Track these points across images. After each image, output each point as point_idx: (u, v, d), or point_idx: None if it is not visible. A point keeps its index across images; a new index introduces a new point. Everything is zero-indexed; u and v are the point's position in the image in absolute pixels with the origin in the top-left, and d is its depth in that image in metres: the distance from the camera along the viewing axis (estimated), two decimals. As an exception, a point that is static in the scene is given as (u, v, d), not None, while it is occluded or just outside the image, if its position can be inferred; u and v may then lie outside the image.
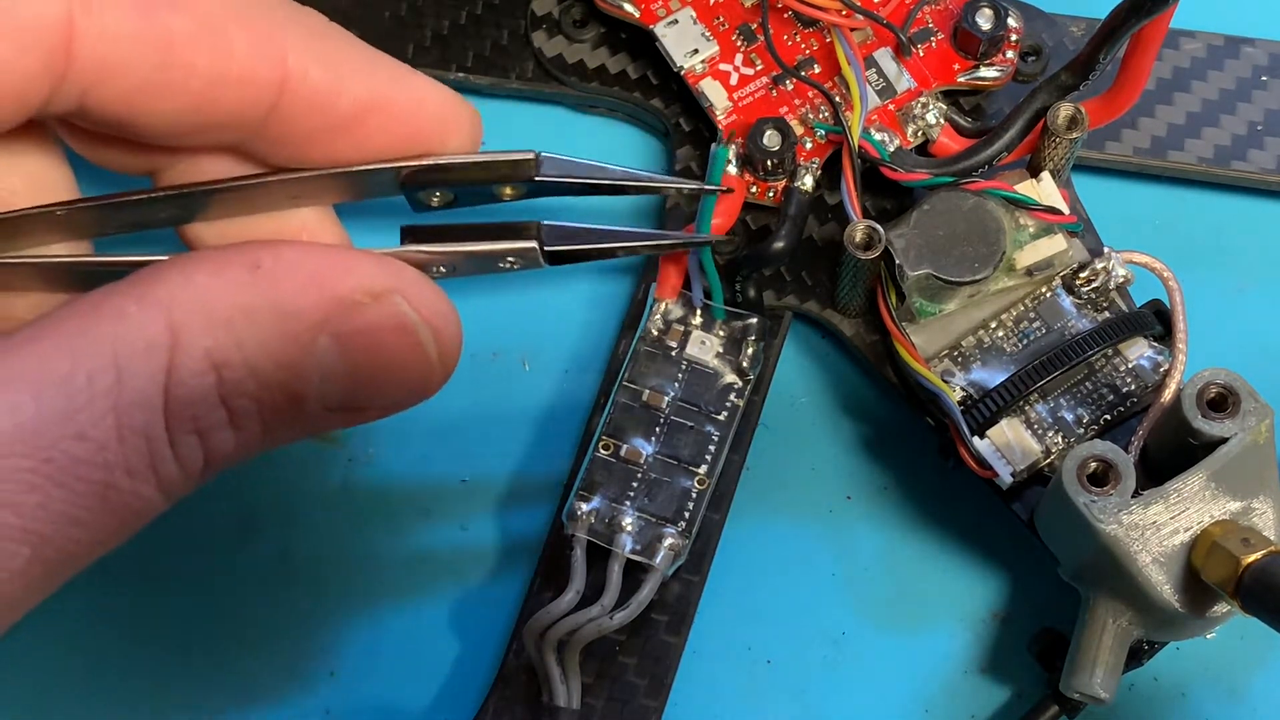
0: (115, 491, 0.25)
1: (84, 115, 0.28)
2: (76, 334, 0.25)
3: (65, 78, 0.27)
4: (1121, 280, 0.36)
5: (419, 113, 0.31)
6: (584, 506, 0.35)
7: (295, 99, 0.29)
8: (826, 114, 0.38)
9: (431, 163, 0.31)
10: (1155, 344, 0.35)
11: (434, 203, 0.32)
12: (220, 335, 0.26)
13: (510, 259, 0.31)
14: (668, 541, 0.35)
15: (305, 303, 0.27)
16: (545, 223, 0.31)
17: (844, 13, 0.38)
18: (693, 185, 0.35)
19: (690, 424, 0.36)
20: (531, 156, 0.31)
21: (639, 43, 0.40)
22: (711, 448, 0.36)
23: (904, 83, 0.38)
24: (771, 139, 0.37)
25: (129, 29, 0.27)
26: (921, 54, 0.38)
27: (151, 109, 0.28)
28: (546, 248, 0.31)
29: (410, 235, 0.31)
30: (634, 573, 0.35)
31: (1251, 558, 0.29)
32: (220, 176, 0.31)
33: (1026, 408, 0.35)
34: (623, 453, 0.36)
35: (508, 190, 0.32)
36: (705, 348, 0.37)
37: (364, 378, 0.28)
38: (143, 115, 0.28)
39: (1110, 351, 0.35)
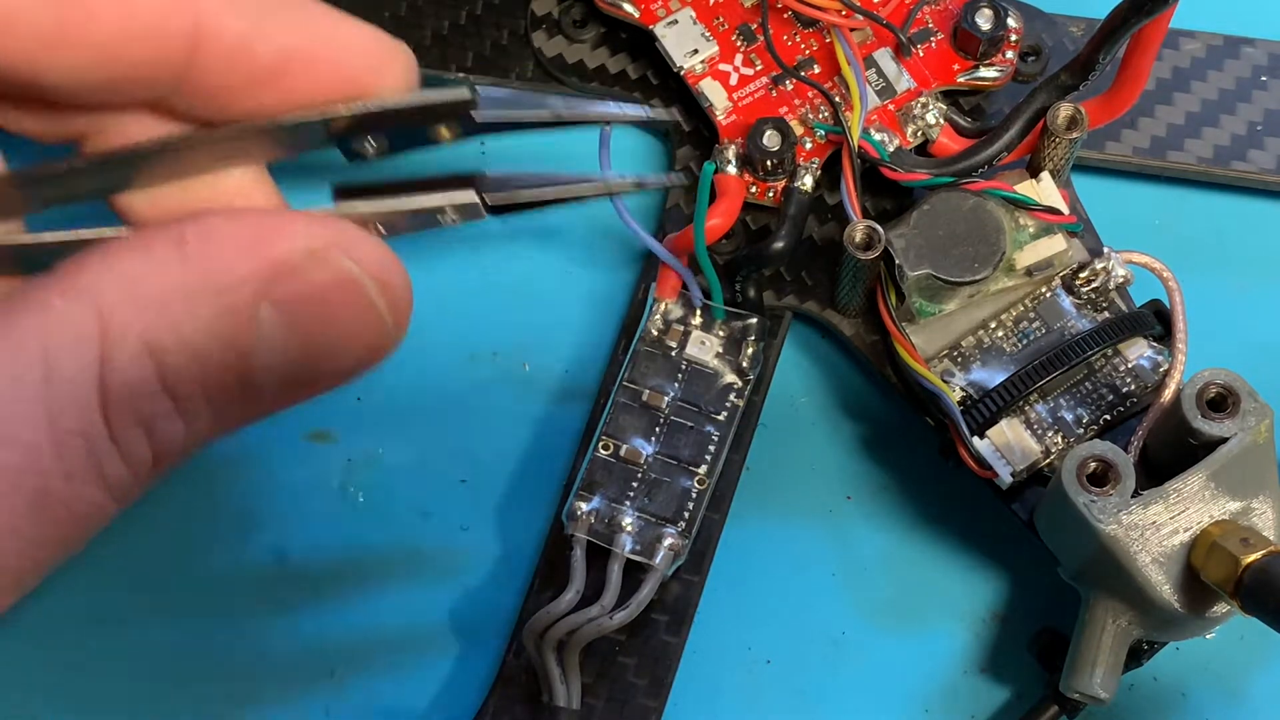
0: (54, 498, 0.23)
1: None
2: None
3: None
4: (1121, 280, 0.36)
5: (347, 57, 0.29)
6: (584, 506, 0.35)
7: (213, 50, 0.28)
8: (826, 114, 0.38)
9: (360, 108, 0.29)
10: (1155, 344, 0.35)
11: (369, 152, 0.30)
12: (154, 318, 0.24)
13: (451, 213, 0.29)
14: (667, 541, 0.35)
15: (240, 272, 0.25)
16: (485, 172, 0.29)
17: (844, 13, 0.38)
18: (638, 115, 0.32)
19: (690, 424, 0.36)
20: (467, 93, 0.29)
21: (639, 43, 0.40)
22: (711, 448, 0.36)
23: (904, 83, 0.38)
24: (771, 139, 0.37)
25: None
26: (921, 54, 0.38)
27: (56, 63, 0.26)
28: (487, 194, 0.29)
29: (344, 193, 0.29)
30: (634, 573, 0.35)
31: (1251, 558, 0.29)
32: (145, 139, 0.29)
33: (1026, 408, 0.35)
34: (623, 453, 0.36)
35: (444, 131, 0.30)
36: (705, 348, 0.37)
37: (313, 345, 0.26)
38: (47, 70, 0.27)
39: (1110, 351, 0.35)
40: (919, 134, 0.38)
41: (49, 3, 0.26)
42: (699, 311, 0.37)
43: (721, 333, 0.37)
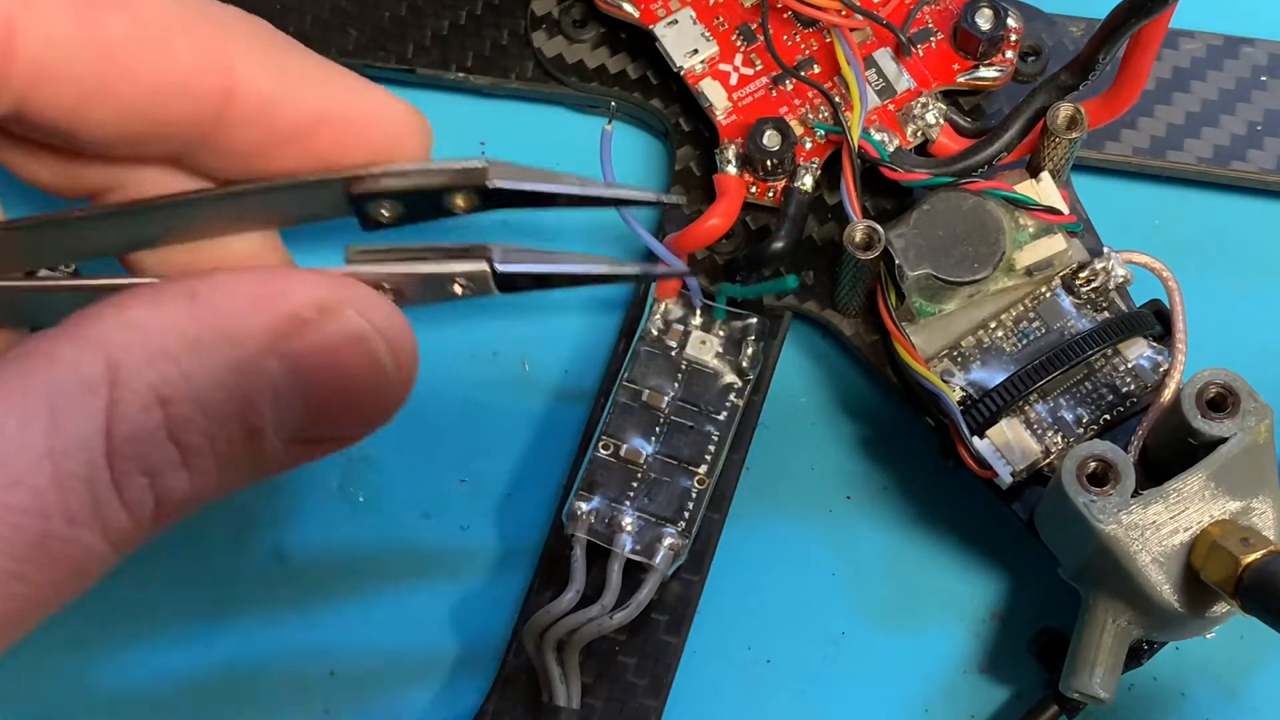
0: (56, 541, 0.23)
1: (21, 121, 0.27)
2: (4, 383, 0.24)
3: (4, 79, 0.26)
4: (1121, 280, 0.36)
5: (371, 124, 0.29)
6: (584, 506, 0.35)
7: (242, 109, 0.28)
8: (826, 114, 0.38)
9: (380, 170, 0.29)
10: (1155, 344, 0.35)
11: (383, 217, 0.30)
12: (163, 368, 0.24)
13: (460, 282, 0.29)
14: (667, 541, 0.35)
15: (249, 325, 0.25)
16: (498, 244, 0.29)
17: (844, 13, 0.38)
18: (650, 199, 0.32)
19: (690, 424, 0.36)
20: (482, 164, 0.29)
21: (639, 43, 0.40)
22: (711, 448, 0.36)
23: (904, 83, 0.38)
24: (771, 139, 0.37)
25: (69, 30, 0.26)
26: (921, 54, 0.38)
27: (91, 116, 0.27)
28: (498, 267, 0.29)
29: (356, 257, 0.29)
30: (634, 573, 0.35)
31: (1251, 558, 0.29)
32: (155, 190, 0.29)
33: (1026, 408, 0.35)
34: (623, 453, 0.36)
35: (459, 201, 0.30)
36: (705, 348, 0.37)
37: (320, 400, 0.26)
38: (82, 123, 0.27)
39: (1110, 351, 0.35)
40: (919, 134, 0.38)
41: (90, 56, 0.26)
42: (699, 311, 0.37)
43: (721, 333, 0.37)
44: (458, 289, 0.29)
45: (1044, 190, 0.36)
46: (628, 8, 0.39)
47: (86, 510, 0.24)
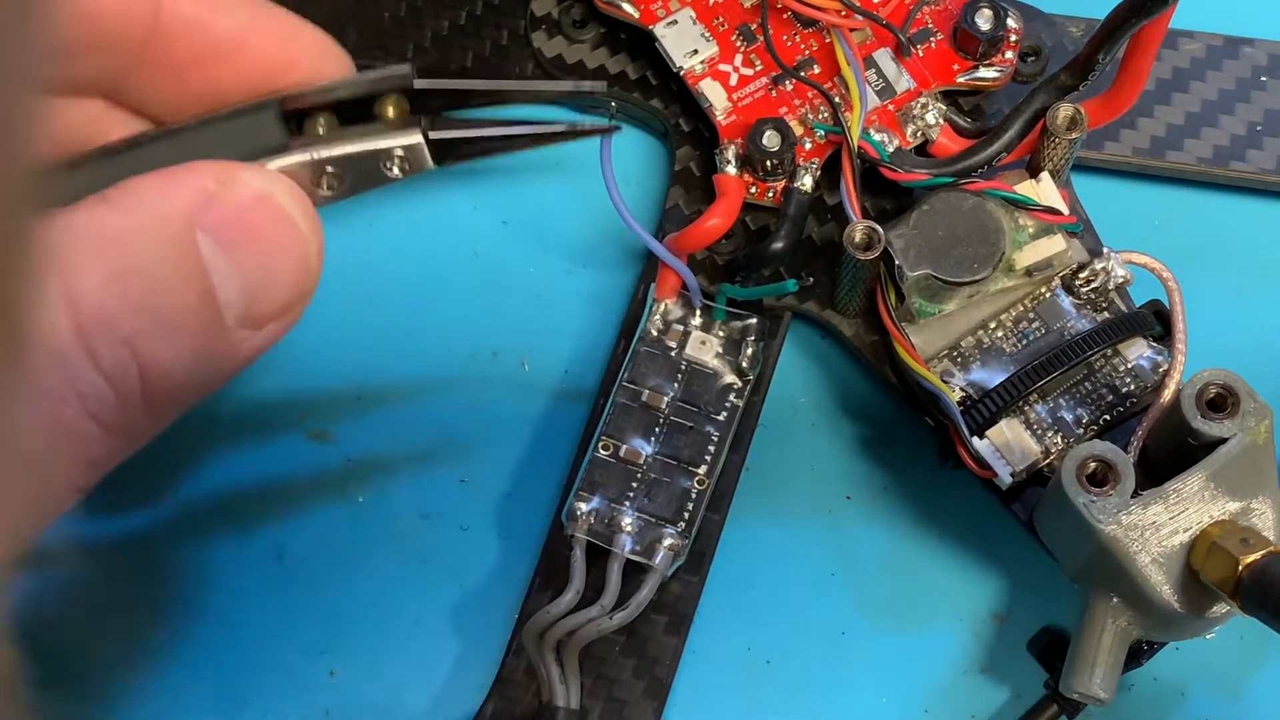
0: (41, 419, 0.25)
1: None
2: None
3: None
4: (1121, 280, 0.36)
5: (293, 39, 0.31)
6: (584, 507, 0.35)
7: (171, 22, 0.30)
8: (826, 114, 0.38)
9: (312, 88, 0.30)
10: (1154, 344, 0.35)
11: (319, 136, 0.31)
12: (108, 248, 0.26)
13: (398, 156, 0.30)
14: (667, 542, 0.35)
15: (166, 205, 0.27)
16: (427, 116, 0.31)
17: (843, 13, 0.38)
18: (568, 85, 0.33)
19: (690, 424, 0.36)
20: (407, 68, 0.31)
21: (638, 43, 0.40)
22: (711, 448, 0.36)
23: (903, 83, 0.38)
24: (771, 139, 0.37)
25: None
26: (921, 54, 0.38)
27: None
28: (431, 134, 0.30)
29: (295, 144, 0.30)
30: (633, 573, 0.35)
31: (1251, 558, 0.29)
32: (92, 129, 0.31)
33: (1026, 408, 0.35)
34: (622, 453, 0.36)
35: (390, 109, 0.31)
36: (705, 348, 0.37)
37: (252, 266, 0.28)
38: None
39: (1110, 352, 0.35)
40: (919, 134, 0.38)
41: None
42: (699, 311, 0.37)
43: (721, 333, 0.37)
44: (396, 169, 0.30)
45: (1044, 190, 0.36)
46: (627, 8, 0.39)
47: (61, 384, 0.25)
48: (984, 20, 0.37)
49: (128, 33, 0.29)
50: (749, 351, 0.36)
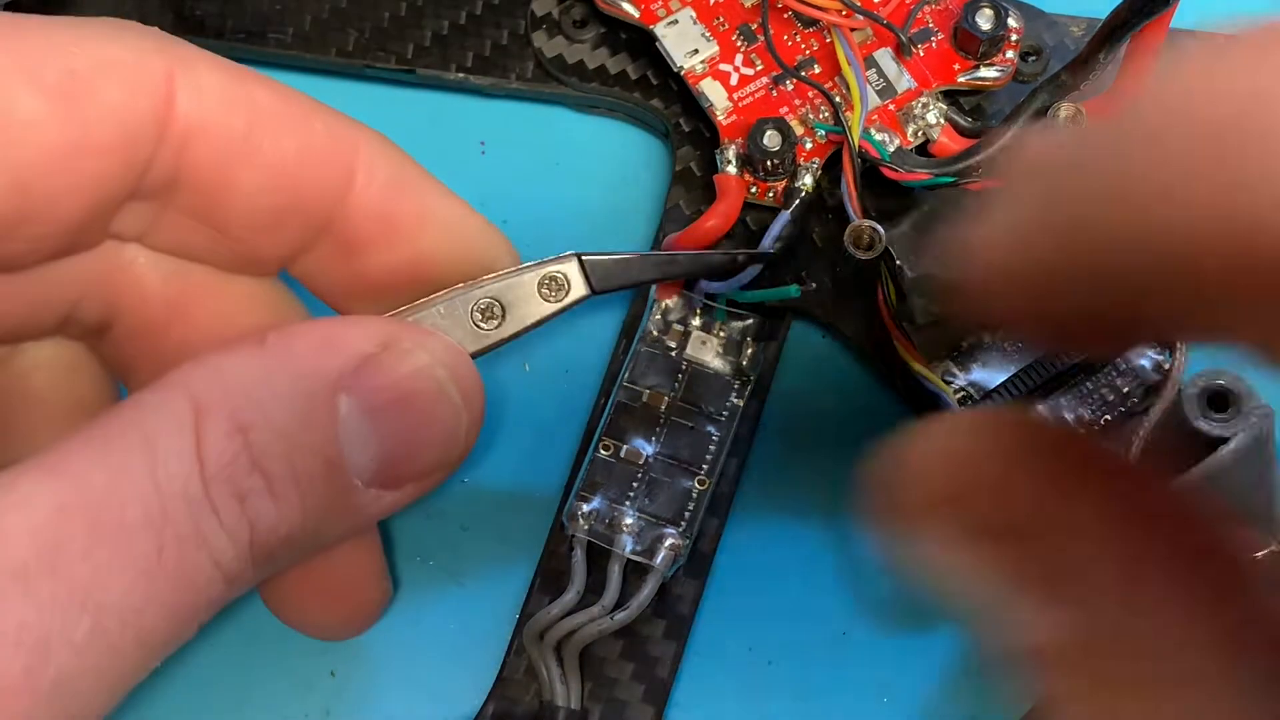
0: (170, 558, 0.25)
1: (177, 189, 0.29)
2: (104, 428, 0.26)
3: (168, 129, 0.28)
4: (1122, 280, 0.36)
5: (466, 226, 0.32)
6: (584, 507, 0.35)
7: (363, 194, 0.30)
8: (827, 114, 0.38)
9: (491, 279, 0.31)
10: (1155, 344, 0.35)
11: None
12: (240, 400, 0.26)
13: (553, 279, 0.32)
14: (668, 542, 0.35)
15: (318, 363, 0.27)
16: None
17: (844, 13, 0.38)
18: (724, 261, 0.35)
19: (690, 424, 0.36)
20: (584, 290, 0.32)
21: (639, 43, 0.40)
22: (712, 448, 0.36)
23: (904, 83, 0.38)
24: (772, 139, 0.37)
25: (221, 88, 0.28)
26: (922, 54, 0.38)
27: (240, 181, 0.29)
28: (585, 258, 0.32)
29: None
30: (634, 573, 0.35)
31: (1251, 558, 0.29)
32: (265, 308, 0.32)
33: (1026, 408, 0.35)
34: (623, 453, 0.36)
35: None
36: (705, 348, 0.37)
37: (392, 436, 0.28)
38: (231, 190, 0.29)
39: (1110, 352, 0.35)
40: (919, 134, 0.38)
41: (240, 115, 0.28)
42: (699, 312, 0.37)
43: (722, 333, 0.37)
44: (549, 292, 0.32)
45: (1044, 190, 0.36)
46: (628, 8, 0.39)
47: (190, 527, 0.25)
48: (985, 20, 0.37)
49: (323, 199, 0.30)
50: (749, 352, 0.36)
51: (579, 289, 0.32)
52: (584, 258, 0.32)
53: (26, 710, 0.24)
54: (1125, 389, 0.35)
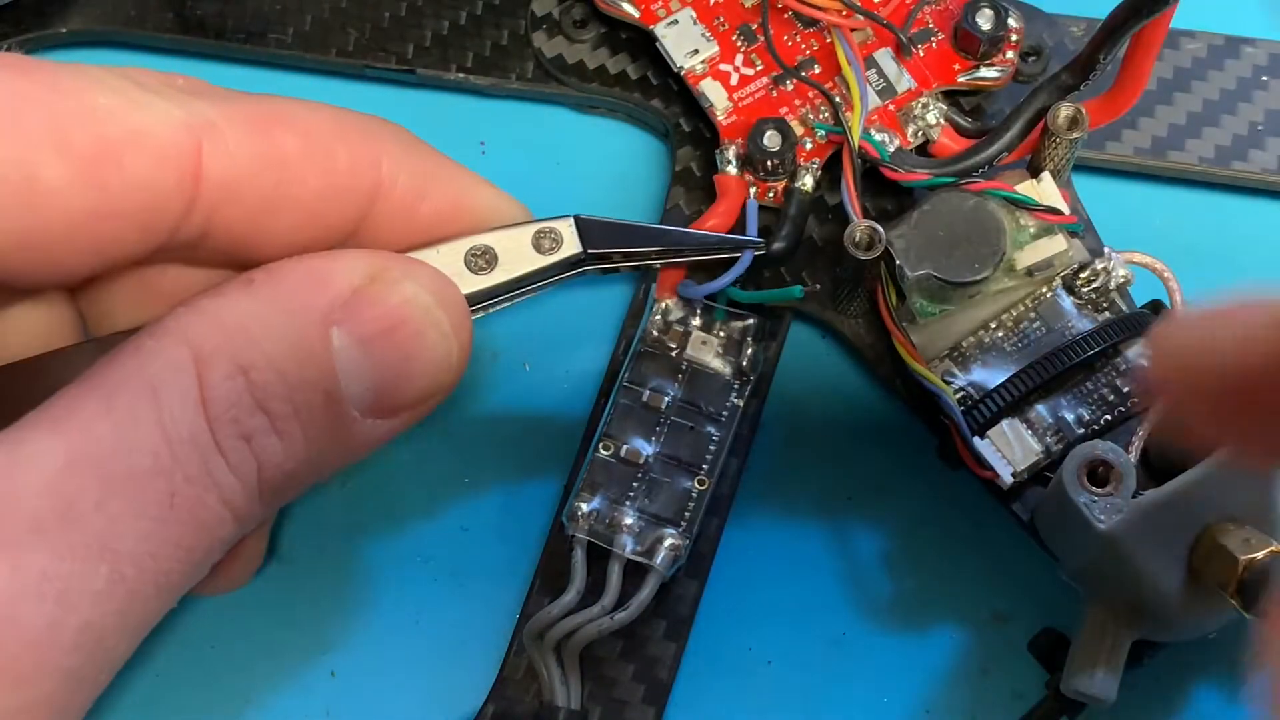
0: (181, 499, 0.26)
1: (205, 241, 0.29)
2: (103, 376, 0.26)
3: (195, 199, 0.28)
4: (1121, 280, 0.36)
5: (490, 219, 0.32)
6: (584, 507, 0.35)
7: (385, 206, 0.31)
8: (827, 114, 0.38)
9: (488, 231, 0.32)
10: (1155, 344, 0.35)
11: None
12: (238, 341, 0.27)
13: (549, 235, 0.32)
14: (668, 542, 0.35)
15: (308, 298, 0.28)
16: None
17: (844, 13, 0.38)
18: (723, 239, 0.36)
19: (690, 425, 0.36)
20: (580, 250, 0.33)
21: (639, 43, 0.40)
22: (712, 448, 0.36)
23: (904, 83, 0.38)
24: (772, 139, 0.37)
25: (250, 149, 0.28)
26: (922, 54, 0.38)
27: (269, 225, 0.29)
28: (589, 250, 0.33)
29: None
30: (634, 573, 0.35)
31: (1251, 558, 0.29)
32: None
33: (1026, 408, 0.35)
34: (623, 453, 0.36)
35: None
36: (705, 348, 0.37)
37: (386, 365, 0.29)
38: (261, 234, 0.29)
39: (1110, 351, 0.35)
40: (919, 134, 0.38)
41: (269, 171, 0.29)
42: (699, 312, 0.37)
43: (722, 333, 0.37)
44: (547, 245, 0.33)
45: (1045, 190, 0.36)
46: (628, 8, 0.39)
47: (199, 470, 0.26)
48: (985, 20, 0.37)
49: (347, 223, 0.30)
50: (749, 352, 0.36)
51: (572, 246, 0.33)
52: (579, 218, 0.33)
53: (55, 662, 0.24)
54: (1125, 389, 0.35)
